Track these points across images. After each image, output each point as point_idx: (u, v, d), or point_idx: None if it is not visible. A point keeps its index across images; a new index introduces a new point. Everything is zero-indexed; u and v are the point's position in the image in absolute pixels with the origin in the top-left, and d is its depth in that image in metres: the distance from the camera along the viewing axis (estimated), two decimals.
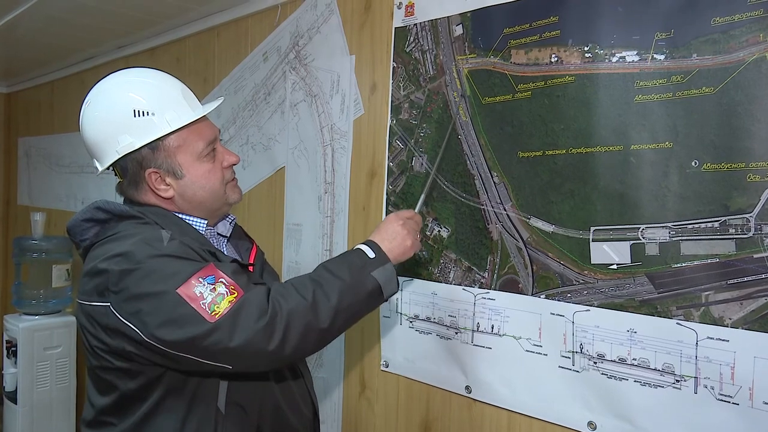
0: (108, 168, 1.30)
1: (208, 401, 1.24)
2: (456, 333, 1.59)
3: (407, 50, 1.71)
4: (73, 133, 3.59)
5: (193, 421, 1.22)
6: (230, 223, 1.43)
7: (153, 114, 1.24)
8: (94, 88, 1.31)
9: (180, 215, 1.32)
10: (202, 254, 1.22)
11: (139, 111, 1.24)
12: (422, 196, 1.57)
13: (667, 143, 1.20)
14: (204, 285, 1.12)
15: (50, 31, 2.88)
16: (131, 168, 1.27)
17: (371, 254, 1.28)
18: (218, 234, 1.41)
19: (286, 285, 1.21)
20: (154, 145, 1.25)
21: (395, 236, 1.35)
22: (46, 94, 4.03)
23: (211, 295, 1.11)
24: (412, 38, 1.70)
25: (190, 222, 1.33)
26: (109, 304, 1.14)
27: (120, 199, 1.36)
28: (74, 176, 3.63)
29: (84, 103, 1.30)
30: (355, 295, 1.23)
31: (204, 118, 1.33)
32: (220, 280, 1.15)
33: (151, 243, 1.17)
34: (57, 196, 3.84)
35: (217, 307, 1.11)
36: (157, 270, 1.13)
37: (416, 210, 1.52)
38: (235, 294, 1.14)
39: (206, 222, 1.35)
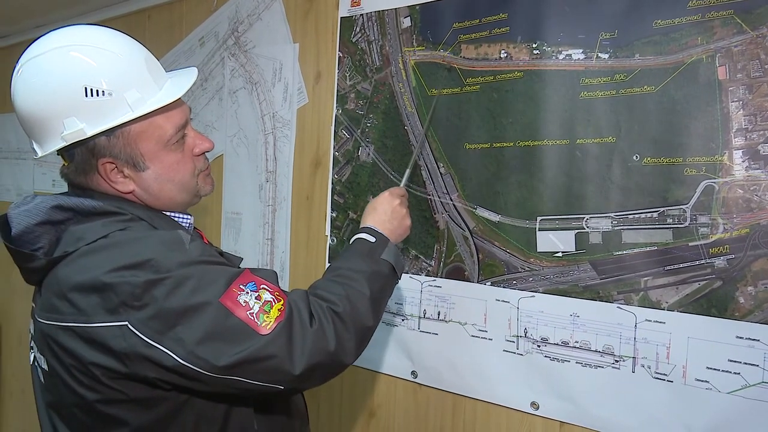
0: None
1: (244, 423, 1.09)
2: (403, 320, 1.62)
3: (353, 40, 1.71)
4: None
5: None
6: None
7: (110, 93, 0.99)
8: (27, 50, 1.01)
9: (165, 212, 1.13)
10: (219, 258, 1.06)
11: (92, 89, 0.97)
12: (408, 171, 1.45)
13: (610, 138, 1.27)
14: (247, 293, 0.96)
15: None
16: (80, 155, 1.03)
17: (371, 239, 1.19)
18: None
19: (312, 288, 1.09)
20: (110, 132, 1.01)
21: (395, 215, 1.25)
22: None
23: (257, 304, 0.96)
24: (358, 28, 1.70)
25: (177, 219, 1.14)
26: (126, 323, 0.92)
27: (64, 185, 1.13)
28: None
29: (15, 72, 1.01)
30: (378, 280, 1.12)
31: None
32: (262, 286, 0.99)
33: (173, 247, 0.97)
34: None
35: (267, 317, 0.95)
36: (191, 277, 0.94)
37: (402, 185, 1.41)
38: (281, 300, 0.99)
39: (191, 218, 1.16)
